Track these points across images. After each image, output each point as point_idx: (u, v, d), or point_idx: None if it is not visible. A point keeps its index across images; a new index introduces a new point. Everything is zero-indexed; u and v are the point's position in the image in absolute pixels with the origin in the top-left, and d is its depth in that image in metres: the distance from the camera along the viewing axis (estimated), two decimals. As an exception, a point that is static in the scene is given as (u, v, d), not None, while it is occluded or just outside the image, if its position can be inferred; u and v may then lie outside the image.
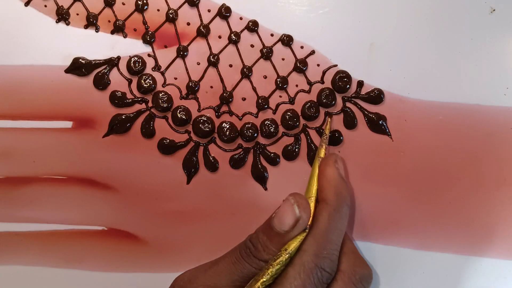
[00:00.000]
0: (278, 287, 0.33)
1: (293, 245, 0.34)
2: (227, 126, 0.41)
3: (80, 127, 0.41)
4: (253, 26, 0.41)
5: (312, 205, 0.35)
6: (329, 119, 0.40)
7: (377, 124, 0.40)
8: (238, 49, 0.41)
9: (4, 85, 0.41)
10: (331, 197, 0.35)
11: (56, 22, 0.41)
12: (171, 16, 0.41)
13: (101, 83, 0.41)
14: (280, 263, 0.33)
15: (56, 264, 0.42)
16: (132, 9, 0.41)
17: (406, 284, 0.41)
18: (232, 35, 0.41)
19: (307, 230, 0.34)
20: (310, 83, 0.41)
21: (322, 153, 0.38)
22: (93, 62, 0.41)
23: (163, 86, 0.41)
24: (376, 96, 0.40)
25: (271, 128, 0.40)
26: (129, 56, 0.41)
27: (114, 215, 0.41)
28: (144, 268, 0.41)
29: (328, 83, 0.41)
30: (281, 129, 0.41)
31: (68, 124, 0.41)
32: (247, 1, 0.41)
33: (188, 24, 0.41)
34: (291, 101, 0.41)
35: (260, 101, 0.41)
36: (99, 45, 0.41)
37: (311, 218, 0.34)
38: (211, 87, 0.41)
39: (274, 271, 0.33)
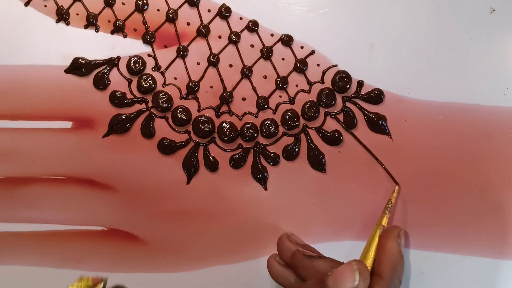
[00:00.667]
0: None
1: None
2: (227, 126, 0.41)
3: (80, 127, 0.41)
4: (253, 26, 0.41)
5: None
6: (397, 188, 0.40)
7: (377, 124, 0.40)
8: (238, 49, 0.41)
9: (4, 85, 0.41)
10: (387, 273, 0.34)
11: (56, 22, 0.41)
12: (171, 16, 0.41)
13: (101, 83, 0.41)
14: None
15: (56, 264, 0.42)
16: (132, 9, 0.41)
17: (406, 284, 0.40)
18: (232, 35, 0.41)
19: None
20: (310, 83, 0.41)
21: (384, 221, 0.38)
22: (93, 62, 0.41)
23: (163, 86, 0.41)
24: (376, 96, 0.40)
25: (271, 128, 0.40)
26: (129, 56, 0.41)
27: (114, 215, 0.41)
28: (144, 268, 0.41)
29: (328, 83, 0.41)
30: (281, 129, 0.41)
31: (68, 124, 0.41)
32: (247, 1, 0.41)
33: (188, 24, 0.41)
34: (291, 101, 0.41)
35: (260, 101, 0.41)
36: (99, 45, 0.41)
37: None
38: (211, 87, 0.41)
39: None
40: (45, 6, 0.41)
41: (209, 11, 0.41)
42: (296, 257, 0.37)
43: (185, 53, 0.41)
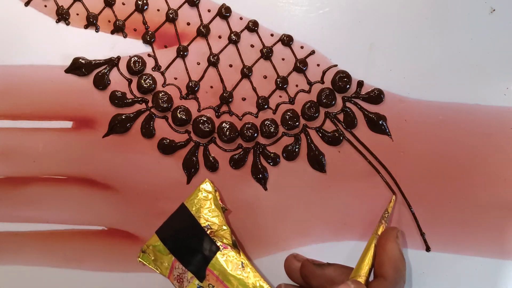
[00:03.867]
0: None
1: None
2: (227, 126, 0.41)
3: (80, 127, 0.41)
4: (253, 26, 0.41)
5: (364, 279, 0.34)
6: (394, 198, 0.40)
7: (377, 124, 0.40)
8: (238, 49, 0.41)
9: (4, 85, 0.41)
10: (391, 274, 0.34)
11: (56, 22, 0.41)
12: (171, 16, 0.41)
13: (101, 83, 0.41)
14: None
15: (56, 264, 0.42)
16: (132, 9, 0.41)
17: (406, 284, 0.40)
18: (232, 35, 0.41)
19: None
20: (310, 83, 0.41)
21: (380, 230, 0.37)
22: (93, 62, 0.41)
23: (163, 86, 0.41)
24: (376, 96, 0.40)
25: (271, 128, 0.40)
26: (129, 56, 0.41)
27: (114, 215, 0.41)
28: (144, 268, 0.41)
29: (328, 83, 0.41)
30: (281, 129, 0.41)
31: (68, 124, 0.41)
32: (247, 1, 0.41)
33: (188, 24, 0.41)
34: (291, 101, 0.41)
35: (260, 101, 0.41)
36: (99, 45, 0.41)
37: None
38: (211, 87, 0.41)
39: None
40: (45, 6, 0.41)
41: (209, 11, 0.41)
42: (306, 267, 0.37)
43: (185, 53, 0.41)
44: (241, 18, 0.41)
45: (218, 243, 0.35)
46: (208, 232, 0.35)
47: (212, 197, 0.37)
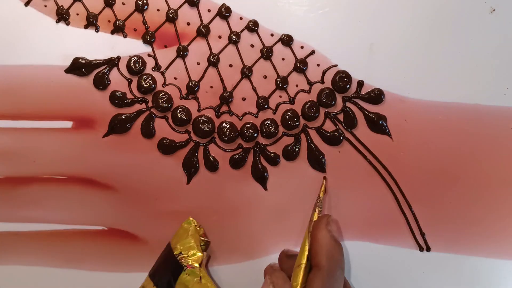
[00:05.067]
0: None
1: None
2: (227, 126, 0.41)
3: (80, 127, 0.41)
4: (253, 26, 0.41)
5: (300, 273, 0.34)
6: (324, 181, 0.40)
7: (377, 124, 0.40)
8: (238, 49, 0.41)
9: (4, 85, 0.41)
10: (324, 263, 0.34)
11: (56, 22, 0.41)
12: (171, 16, 0.41)
13: (101, 83, 0.41)
14: None
15: (56, 264, 0.42)
16: (132, 9, 0.41)
17: (406, 284, 0.41)
18: (232, 35, 0.41)
19: None
20: (310, 83, 0.41)
21: (315, 217, 0.37)
22: (93, 62, 0.41)
23: (163, 86, 0.41)
24: (376, 96, 0.40)
25: (271, 128, 0.40)
26: (129, 56, 0.41)
27: (114, 215, 0.41)
28: (144, 268, 0.41)
29: (328, 83, 0.41)
30: (281, 129, 0.41)
31: (68, 124, 0.41)
32: (247, 1, 0.41)
33: (188, 24, 0.41)
34: (291, 101, 0.41)
35: (260, 101, 0.41)
36: (99, 45, 0.41)
37: (300, 284, 0.34)
38: (211, 87, 0.41)
39: None
40: (45, 6, 0.41)
41: (209, 11, 0.41)
42: (280, 258, 0.38)
43: (185, 53, 0.41)
44: (241, 18, 0.41)
45: (184, 265, 0.37)
46: (179, 258, 0.38)
47: (190, 231, 0.39)
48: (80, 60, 0.41)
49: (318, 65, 0.41)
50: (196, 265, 0.37)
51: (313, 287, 0.33)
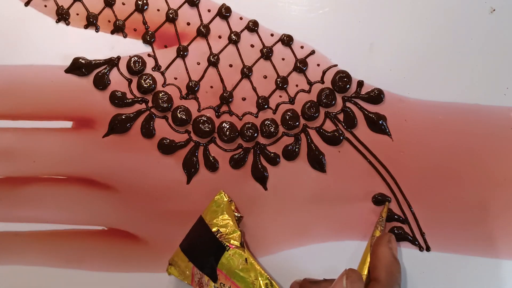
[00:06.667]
0: None
1: None
2: (227, 126, 0.41)
3: (80, 127, 0.41)
4: (253, 26, 0.41)
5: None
6: (387, 204, 0.40)
7: (377, 124, 0.40)
8: (238, 49, 0.41)
9: (4, 85, 0.41)
10: (383, 277, 0.35)
11: (56, 22, 0.41)
12: (171, 16, 0.41)
13: (101, 83, 0.41)
14: None
15: (56, 264, 0.42)
16: (132, 9, 0.41)
17: (406, 284, 0.41)
18: (232, 35, 0.41)
19: None
20: (310, 83, 0.41)
21: (377, 233, 0.38)
22: (93, 62, 0.41)
23: (163, 86, 0.41)
24: (376, 96, 0.40)
25: (271, 128, 0.40)
26: (129, 56, 0.41)
27: (114, 215, 0.41)
28: (144, 268, 0.41)
29: (328, 83, 0.41)
30: (281, 129, 0.41)
31: (68, 124, 0.41)
32: (247, 1, 0.41)
33: (188, 24, 0.41)
34: (291, 101, 0.41)
35: (260, 101, 0.41)
36: (99, 45, 0.41)
37: None
38: (211, 87, 0.41)
39: None
40: (45, 6, 0.41)
41: (209, 11, 0.41)
42: (304, 285, 0.38)
43: (185, 53, 0.41)
44: (241, 18, 0.41)
45: (225, 245, 0.37)
46: (218, 236, 0.37)
47: (224, 206, 0.39)
48: (80, 60, 0.41)
49: (318, 65, 0.41)
50: (238, 244, 0.37)
51: None
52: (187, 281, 0.39)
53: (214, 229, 0.37)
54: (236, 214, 0.39)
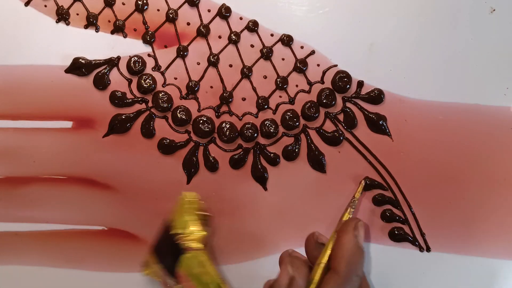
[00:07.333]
0: None
1: None
2: (227, 126, 0.41)
3: (80, 127, 0.41)
4: (253, 26, 0.41)
5: (319, 271, 0.34)
6: (363, 183, 0.40)
7: (377, 124, 0.40)
8: (238, 49, 0.41)
9: (4, 85, 0.41)
10: (342, 268, 0.33)
11: (56, 22, 0.41)
12: (171, 16, 0.41)
13: (101, 83, 0.41)
14: None
15: (56, 264, 0.42)
16: (132, 9, 0.41)
17: (406, 284, 0.41)
18: (232, 35, 0.41)
19: None
20: (310, 83, 0.41)
21: (345, 217, 0.37)
22: (93, 62, 0.41)
23: (163, 86, 0.41)
24: (376, 96, 0.40)
25: (271, 128, 0.40)
26: (129, 56, 0.41)
27: (114, 215, 0.41)
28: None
29: (328, 83, 0.41)
30: (281, 129, 0.41)
31: (68, 124, 0.41)
32: (247, 1, 0.41)
33: (188, 24, 0.41)
34: (291, 101, 0.41)
35: (260, 101, 0.41)
36: (99, 45, 0.41)
37: (316, 283, 0.33)
38: (211, 87, 0.41)
39: None
40: (45, 6, 0.41)
41: (209, 11, 0.41)
42: (308, 240, 0.38)
43: (185, 53, 0.41)
44: (241, 18, 0.41)
45: (185, 247, 0.37)
46: (178, 238, 0.37)
47: (187, 207, 0.39)
48: (80, 60, 0.41)
49: (318, 65, 0.41)
50: (197, 246, 0.37)
51: None
52: (160, 280, 0.39)
53: (175, 231, 0.38)
54: (201, 213, 0.39)
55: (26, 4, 0.41)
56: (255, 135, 0.41)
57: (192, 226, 0.37)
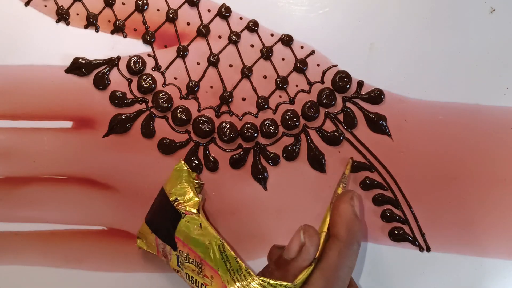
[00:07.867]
0: None
1: (300, 277, 0.33)
2: (227, 126, 0.41)
3: (80, 127, 0.41)
4: (253, 26, 0.41)
5: (322, 239, 0.34)
6: (351, 161, 0.40)
7: (377, 124, 0.40)
8: (238, 49, 0.41)
9: (4, 85, 0.41)
10: (343, 233, 0.34)
11: (56, 22, 0.41)
12: (171, 16, 0.41)
13: (101, 83, 0.41)
14: None
15: (56, 263, 0.42)
16: (132, 9, 0.41)
17: (406, 284, 0.41)
18: (232, 35, 0.41)
19: (313, 264, 0.33)
20: (310, 83, 0.41)
21: (339, 190, 0.38)
22: (93, 62, 0.41)
23: (163, 86, 0.41)
24: (376, 96, 0.40)
25: (271, 128, 0.40)
26: (129, 56, 0.41)
27: (114, 215, 0.41)
28: (144, 268, 0.41)
29: (328, 83, 0.41)
30: (281, 129, 0.41)
31: (68, 124, 0.41)
32: (247, 1, 0.41)
33: (188, 24, 0.41)
34: (291, 101, 0.41)
35: (260, 101, 0.41)
36: (99, 45, 0.41)
37: (318, 251, 0.34)
38: (211, 87, 0.41)
39: None
40: (45, 6, 0.41)
41: (209, 11, 0.41)
42: (272, 251, 0.38)
43: (185, 53, 0.41)
44: (241, 18, 0.41)
45: (182, 212, 0.37)
46: (175, 204, 0.37)
47: (183, 175, 0.39)
48: (80, 60, 0.41)
49: (318, 65, 0.41)
50: (194, 210, 0.37)
51: (329, 255, 0.34)
52: (154, 252, 0.39)
53: (172, 198, 0.37)
54: (196, 181, 0.39)
55: (26, 4, 0.41)
56: (255, 135, 0.41)
57: (189, 192, 0.37)
